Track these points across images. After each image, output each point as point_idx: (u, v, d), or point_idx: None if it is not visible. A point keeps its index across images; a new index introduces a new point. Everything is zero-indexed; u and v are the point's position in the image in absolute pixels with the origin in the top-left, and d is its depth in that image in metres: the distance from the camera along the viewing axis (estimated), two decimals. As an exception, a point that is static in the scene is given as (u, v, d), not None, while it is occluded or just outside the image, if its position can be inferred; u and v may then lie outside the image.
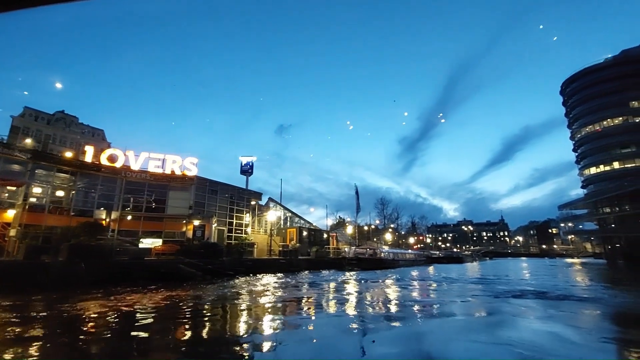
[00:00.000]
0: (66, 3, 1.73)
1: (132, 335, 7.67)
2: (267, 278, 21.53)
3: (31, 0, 1.60)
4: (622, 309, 12.09)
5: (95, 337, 7.42)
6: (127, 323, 8.95)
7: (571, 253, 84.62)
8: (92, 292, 13.41)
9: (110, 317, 9.33)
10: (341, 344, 7.13)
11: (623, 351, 6.92)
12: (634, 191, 44.60)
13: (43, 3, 1.64)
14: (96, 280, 15.40)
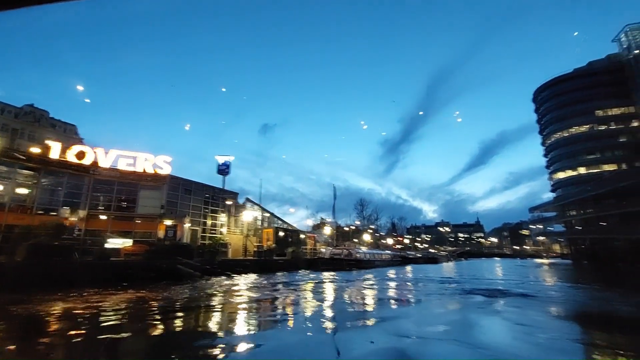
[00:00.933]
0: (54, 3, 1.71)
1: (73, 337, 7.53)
2: (240, 278, 21.46)
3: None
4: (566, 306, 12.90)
5: (35, 340, 7.22)
6: (80, 324, 8.77)
7: (541, 254, 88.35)
8: (50, 293, 12.97)
9: (60, 320, 9.10)
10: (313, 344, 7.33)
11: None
12: (597, 195, 47.12)
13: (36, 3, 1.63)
14: (56, 281, 14.90)
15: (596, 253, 52.45)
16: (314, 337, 7.63)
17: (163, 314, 10.37)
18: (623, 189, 40.91)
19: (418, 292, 17.05)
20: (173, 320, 9.66)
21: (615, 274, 32.10)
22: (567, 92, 63.94)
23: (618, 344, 7.47)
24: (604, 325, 9.80)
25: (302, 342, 7.24)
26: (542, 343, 7.20)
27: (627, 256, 43.85)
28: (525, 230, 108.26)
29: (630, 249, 43.98)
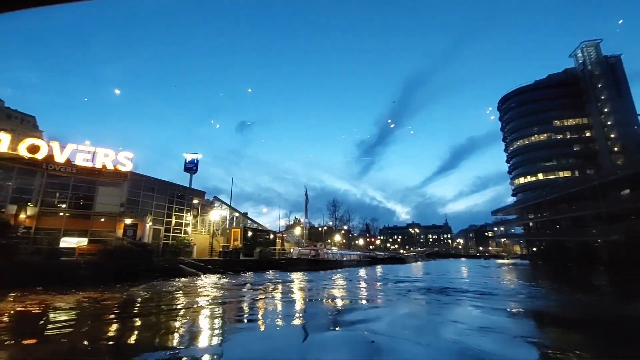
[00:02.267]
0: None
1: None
2: (202, 279, 21.12)
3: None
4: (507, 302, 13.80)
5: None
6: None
7: (502, 254, 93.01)
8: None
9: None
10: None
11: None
12: (551, 200, 50.28)
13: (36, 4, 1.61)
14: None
15: (550, 254, 55.99)
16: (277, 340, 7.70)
17: (108, 318, 10.07)
18: (574, 195, 43.95)
19: (376, 291, 17.64)
20: (117, 325, 9.41)
21: (564, 274, 34.46)
22: (528, 103, 67.86)
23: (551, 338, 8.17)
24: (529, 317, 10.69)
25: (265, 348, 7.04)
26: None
27: (576, 257, 47.16)
28: (490, 232, 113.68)
29: (578, 250, 47.30)
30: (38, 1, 1.55)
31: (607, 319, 10.44)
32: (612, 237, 35.96)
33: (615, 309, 12.08)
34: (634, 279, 25.76)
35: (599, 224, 40.31)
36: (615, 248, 38.54)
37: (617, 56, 60.90)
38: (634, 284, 22.74)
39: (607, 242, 39.16)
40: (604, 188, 37.58)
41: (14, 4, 1.52)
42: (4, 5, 1.50)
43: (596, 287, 22.37)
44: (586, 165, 60.32)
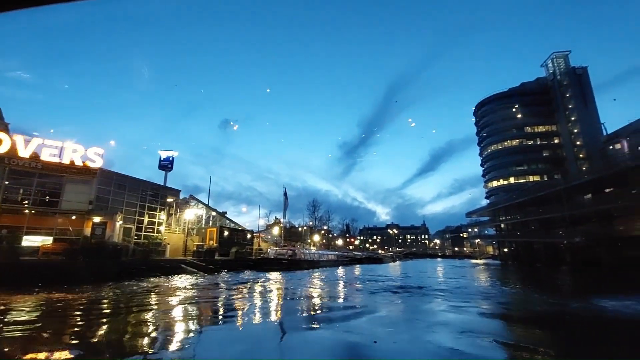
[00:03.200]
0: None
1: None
2: (175, 280, 20.75)
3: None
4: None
5: None
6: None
7: (476, 255, 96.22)
8: None
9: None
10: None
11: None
12: (521, 203, 52.49)
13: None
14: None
15: (519, 254, 58.49)
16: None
17: (67, 319, 9.78)
18: (541, 198, 46.07)
19: (349, 289, 17.95)
20: (74, 328, 9.16)
21: (531, 274, 36.11)
22: (502, 109, 70.50)
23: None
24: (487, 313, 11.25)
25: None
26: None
27: (543, 257, 49.52)
28: (465, 233, 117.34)
29: (545, 251, 49.69)
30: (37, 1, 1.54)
31: (550, 315, 11.16)
32: (574, 239, 37.95)
33: (563, 307, 12.85)
34: (593, 278, 27.42)
35: (563, 227, 42.49)
36: (577, 249, 40.80)
37: (584, 68, 64.19)
38: (592, 284, 24.21)
39: (570, 244, 41.34)
40: (568, 192, 39.62)
41: (14, 4, 1.51)
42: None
43: (557, 286, 23.63)
44: (554, 170, 63.24)
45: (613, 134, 52.91)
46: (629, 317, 10.73)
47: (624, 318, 10.63)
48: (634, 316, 10.89)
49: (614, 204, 34.07)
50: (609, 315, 10.94)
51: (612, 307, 12.24)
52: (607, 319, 10.49)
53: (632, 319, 10.59)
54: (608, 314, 11.13)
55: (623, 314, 11.18)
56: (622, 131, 50.15)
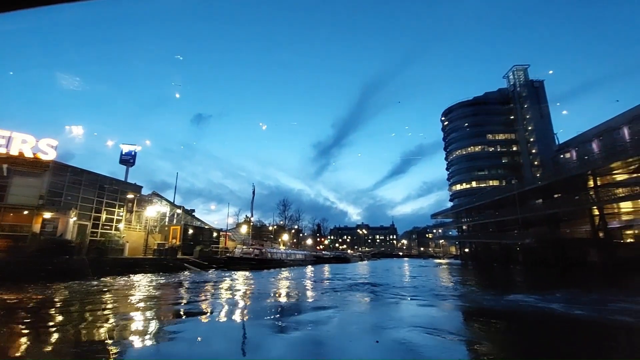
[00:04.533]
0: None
1: None
2: (133, 279, 20.07)
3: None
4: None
5: None
6: None
7: (440, 255, 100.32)
8: None
9: None
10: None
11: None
12: (480, 206, 55.46)
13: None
14: None
15: (478, 254, 61.76)
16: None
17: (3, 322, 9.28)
18: (498, 202, 48.94)
19: (312, 288, 18.30)
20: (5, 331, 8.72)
21: (485, 272, 38.37)
22: (467, 116, 74.07)
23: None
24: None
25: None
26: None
27: (499, 258, 52.64)
28: (430, 234, 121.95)
29: (501, 251, 52.83)
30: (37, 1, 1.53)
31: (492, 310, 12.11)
32: (525, 240, 40.68)
33: (506, 302, 13.92)
34: (536, 277, 29.67)
35: (517, 229, 45.42)
36: (528, 250, 43.78)
37: (541, 81, 68.93)
38: (538, 282, 26.18)
39: (523, 245, 44.28)
40: (522, 197, 42.39)
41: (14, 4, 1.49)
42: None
43: (497, 284, 25.36)
44: (512, 176, 67.17)
45: (564, 143, 57.29)
46: (517, 311, 11.94)
47: (517, 312, 11.81)
48: (520, 310, 12.07)
49: (561, 208, 36.90)
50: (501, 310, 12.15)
51: (514, 302, 13.79)
52: (502, 313, 11.64)
53: (520, 312, 11.77)
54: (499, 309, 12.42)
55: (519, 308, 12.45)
56: (571, 141, 54.42)
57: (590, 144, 48.13)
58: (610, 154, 32.97)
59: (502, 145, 71.57)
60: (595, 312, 11.26)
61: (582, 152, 49.01)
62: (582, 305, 12.55)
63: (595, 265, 32.54)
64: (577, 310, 11.63)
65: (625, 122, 42.38)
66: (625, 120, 42.42)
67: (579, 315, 10.97)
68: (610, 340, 8.07)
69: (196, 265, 28.50)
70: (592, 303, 13.03)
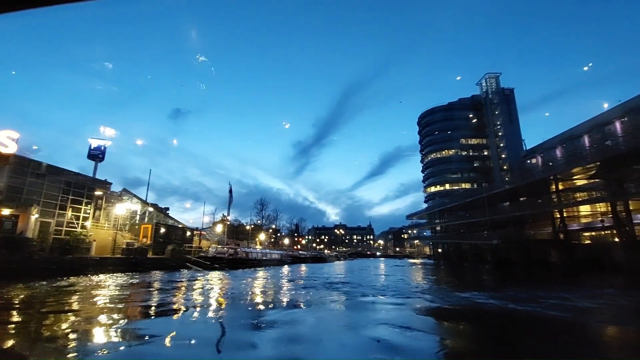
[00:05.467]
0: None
1: None
2: (99, 279, 19.35)
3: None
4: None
5: None
6: None
7: (414, 255, 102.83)
8: None
9: None
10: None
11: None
12: (452, 207, 57.41)
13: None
14: None
15: (450, 254, 63.89)
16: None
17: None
18: (470, 204, 50.86)
19: (286, 287, 18.37)
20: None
21: (455, 271, 39.77)
22: (442, 121, 76.47)
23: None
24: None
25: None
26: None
27: (470, 257, 54.72)
28: (405, 234, 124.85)
29: (471, 251, 54.92)
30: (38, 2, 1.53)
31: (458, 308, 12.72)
32: (493, 241, 42.50)
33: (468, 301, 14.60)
34: (500, 276, 31.09)
35: (486, 230, 47.37)
36: (496, 250, 45.76)
37: (511, 89, 72.20)
38: (497, 281, 27.45)
39: (491, 245, 46.22)
40: (491, 200, 44.29)
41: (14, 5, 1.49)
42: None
43: (468, 282, 26.45)
44: (483, 179, 70.15)
45: (531, 149, 60.32)
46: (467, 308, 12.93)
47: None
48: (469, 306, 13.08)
49: (526, 211, 38.88)
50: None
51: (465, 298, 14.88)
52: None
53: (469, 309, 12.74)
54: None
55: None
56: (537, 148, 57.40)
57: (554, 150, 51.06)
58: (571, 160, 35.06)
59: (474, 149, 74.39)
60: (529, 307, 12.63)
61: (547, 158, 51.85)
62: (520, 301, 13.95)
63: (556, 265, 34.54)
64: (512, 305, 13.06)
65: (585, 130, 45.28)
66: (585, 129, 45.32)
67: (512, 309, 12.33)
68: (530, 329, 9.50)
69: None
70: (531, 300, 14.28)
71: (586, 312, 11.99)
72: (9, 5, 1.39)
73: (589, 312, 12.04)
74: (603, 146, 33.79)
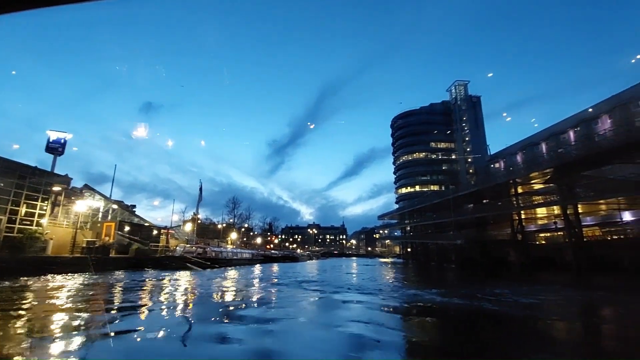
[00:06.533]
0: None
1: None
2: (56, 279, 18.34)
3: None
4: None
5: None
6: None
7: (385, 254, 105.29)
8: None
9: None
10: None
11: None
12: (421, 208, 59.38)
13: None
14: None
15: (418, 254, 66.06)
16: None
17: None
18: (437, 205, 52.84)
19: (255, 286, 18.33)
20: None
21: (421, 270, 41.28)
22: (414, 124, 78.94)
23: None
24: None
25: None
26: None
27: (436, 256, 56.87)
28: (377, 234, 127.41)
29: (438, 251, 57.10)
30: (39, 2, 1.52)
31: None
32: (457, 241, 44.46)
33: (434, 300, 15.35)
34: (463, 274, 32.69)
35: (451, 231, 49.44)
36: (460, 250, 47.89)
37: (478, 97, 75.83)
38: (455, 279, 28.92)
39: (456, 245, 48.31)
40: (457, 201, 46.29)
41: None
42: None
43: (428, 280, 27.64)
44: (450, 181, 73.12)
45: (494, 154, 63.65)
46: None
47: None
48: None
49: (487, 213, 41.01)
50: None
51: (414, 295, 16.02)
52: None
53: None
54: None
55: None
56: (500, 153, 60.65)
57: (515, 156, 54.25)
58: (529, 166, 37.41)
59: (443, 153, 77.34)
60: (468, 301, 14.32)
61: (509, 163, 54.96)
62: (461, 296, 15.65)
63: (514, 264, 36.70)
64: (455, 299, 14.71)
65: (543, 138, 48.51)
66: (543, 137, 48.55)
67: (446, 302, 14.01)
68: (461, 319, 11.09)
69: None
70: (470, 296, 15.78)
71: (527, 306, 13.30)
72: (9, 5, 1.41)
73: (528, 306, 13.38)
74: (557, 153, 36.40)
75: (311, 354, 6.71)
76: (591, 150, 27.57)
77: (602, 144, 27.89)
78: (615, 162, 28.48)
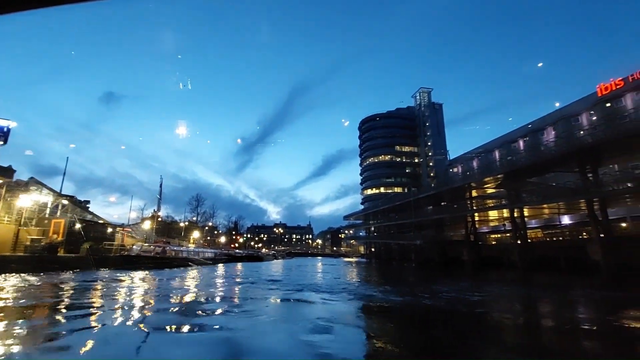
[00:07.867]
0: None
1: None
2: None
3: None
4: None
5: None
6: None
7: (350, 254, 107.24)
8: None
9: None
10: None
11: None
12: (384, 209, 61.38)
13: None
14: None
15: (381, 253, 68.18)
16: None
17: None
18: (399, 207, 54.94)
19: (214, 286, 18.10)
20: None
21: (383, 269, 42.70)
22: (380, 128, 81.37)
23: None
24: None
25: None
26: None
27: (397, 256, 59.05)
28: (342, 234, 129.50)
29: (399, 250, 59.33)
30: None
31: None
32: (417, 241, 46.57)
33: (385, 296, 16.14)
34: (419, 273, 34.35)
35: (411, 231, 51.66)
36: (419, 250, 50.18)
37: (440, 104, 79.83)
38: (410, 277, 30.37)
39: (415, 246, 50.56)
40: (418, 203, 48.47)
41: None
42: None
43: (384, 279, 28.80)
44: (413, 184, 76.16)
45: (453, 159, 67.30)
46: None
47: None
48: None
49: (445, 214, 43.35)
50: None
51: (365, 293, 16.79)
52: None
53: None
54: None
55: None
56: (459, 158, 64.25)
57: (472, 161, 57.77)
58: (484, 171, 40.14)
59: (406, 156, 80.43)
60: (411, 297, 15.40)
61: (466, 168, 58.39)
62: (403, 294, 16.68)
63: (467, 263, 39.17)
64: (397, 297, 15.54)
65: (497, 146, 52.10)
66: (497, 145, 52.14)
67: (389, 299, 14.84)
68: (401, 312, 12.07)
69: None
70: (410, 293, 17.01)
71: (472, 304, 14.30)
72: (9, 5, 1.43)
73: (468, 302, 14.44)
74: (507, 160, 39.36)
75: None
76: (536, 159, 30.18)
77: (545, 154, 30.66)
78: (557, 170, 31.33)
